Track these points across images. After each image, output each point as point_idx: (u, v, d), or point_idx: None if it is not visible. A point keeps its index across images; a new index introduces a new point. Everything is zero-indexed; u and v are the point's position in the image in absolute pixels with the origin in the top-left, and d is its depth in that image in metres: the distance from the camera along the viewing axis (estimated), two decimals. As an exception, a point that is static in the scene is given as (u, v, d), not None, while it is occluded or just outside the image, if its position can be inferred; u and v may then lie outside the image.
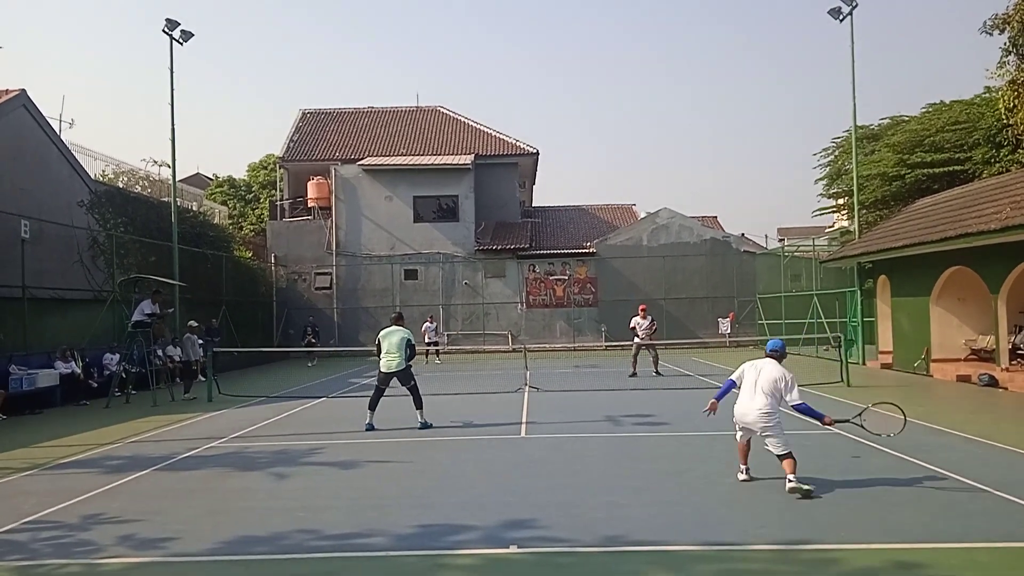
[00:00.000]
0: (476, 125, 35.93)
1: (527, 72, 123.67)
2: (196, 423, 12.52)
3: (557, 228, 34.97)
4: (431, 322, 25.95)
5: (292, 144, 34.99)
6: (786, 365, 7.21)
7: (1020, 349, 15.33)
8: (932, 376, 17.04)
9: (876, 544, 5.36)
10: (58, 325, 16.98)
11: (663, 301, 30.21)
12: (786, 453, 6.83)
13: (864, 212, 26.42)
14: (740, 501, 6.67)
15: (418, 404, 11.19)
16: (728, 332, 28.64)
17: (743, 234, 33.12)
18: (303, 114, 37.39)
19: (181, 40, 21.70)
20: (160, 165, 33.75)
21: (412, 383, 11.21)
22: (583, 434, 10.29)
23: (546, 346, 28.58)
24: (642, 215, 34.98)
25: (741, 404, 7.19)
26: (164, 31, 21.29)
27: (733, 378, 7.42)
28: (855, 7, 21.24)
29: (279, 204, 34.30)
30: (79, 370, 16.20)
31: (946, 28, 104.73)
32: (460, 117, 36.87)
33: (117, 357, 16.93)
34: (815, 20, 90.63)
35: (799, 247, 28.25)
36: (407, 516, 6.37)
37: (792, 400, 6.93)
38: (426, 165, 31.45)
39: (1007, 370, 14.80)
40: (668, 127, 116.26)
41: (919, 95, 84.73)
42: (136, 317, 15.70)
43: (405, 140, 35.23)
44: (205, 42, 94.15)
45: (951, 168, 25.52)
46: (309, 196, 32.42)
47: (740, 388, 7.28)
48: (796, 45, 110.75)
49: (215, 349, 17.28)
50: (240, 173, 44.31)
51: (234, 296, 26.53)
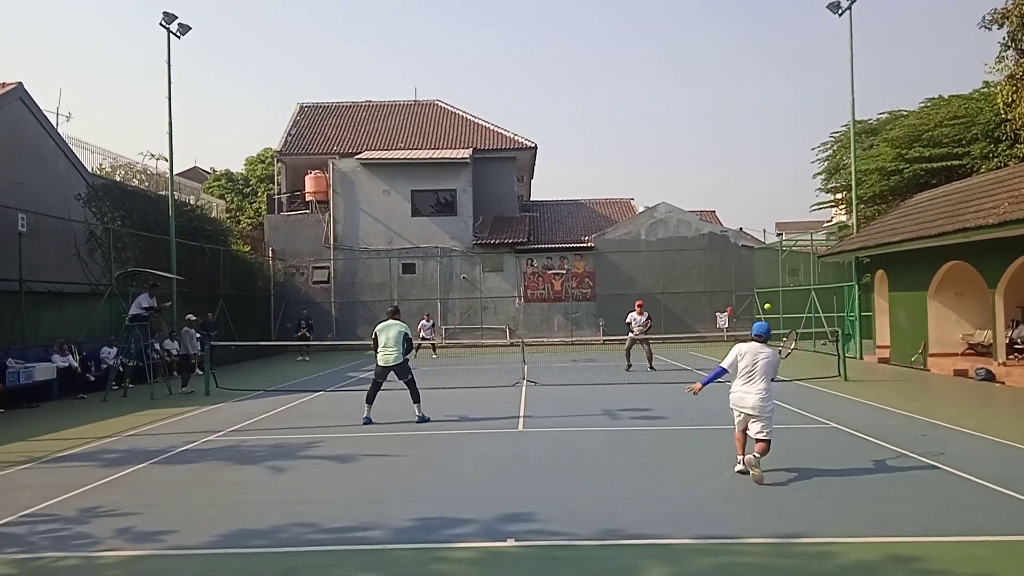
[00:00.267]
0: (474, 119, 35.87)
1: (525, 66, 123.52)
2: (193, 417, 12.52)
3: (555, 222, 34.92)
4: (427, 320, 25.97)
5: (290, 138, 34.91)
6: (772, 347, 7.52)
7: (1017, 344, 15.35)
8: (929, 371, 17.08)
9: (873, 538, 5.38)
10: (55, 319, 16.96)
11: (661, 295, 30.23)
12: (767, 439, 7.12)
13: (862, 207, 26.45)
14: (737, 495, 6.68)
15: (415, 398, 11.19)
16: (726, 326, 28.67)
17: (741, 228, 33.18)
18: (301, 108, 37.29)
19: (179, 34, 21.63)
20: (158, 159, 33.59)
21: (409, 377, 11.21)
22: (580, 428, 10.30)
23: (544, 340, 28.61)
24: (640, 209, 34.94)
25: (740, 390, 7.28)
26: (162, 24, 21.21)
27: (725, 365, 7.44)
28: (854, 1, 21.20)
29: (277, 198, 34.26)
30: (76, 364, 16.19)
31: (945, 23, 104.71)
32: (458, 111, 36.81)
33: (114, 351, 16.93)
34: (814, 15, 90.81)
35: (797, 241, 28.26)
36: (405, 509, 6.38)
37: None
38: (424, 159, 31.40)
39: (1004, 365, 14.83)
40: (666, 121, 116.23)
41: (917, 90, 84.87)
42: (133, 311, 15.71)
43: (403, 134, 35.17)
44: (203, 36, 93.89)
45: (949, 163, 25.53)
46: (307, 190, 32.38)
47: (736, 374, 7.34)
48: (795, 40, 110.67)
49: (212, 343, 17.27)
50: (238, 167, 44.32)
51: (232, 290, 26.52)
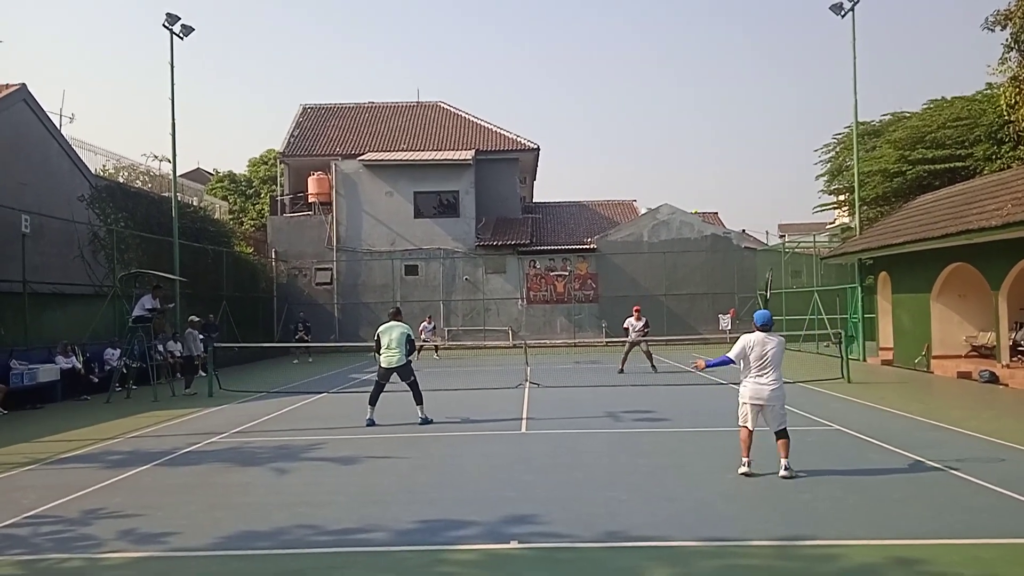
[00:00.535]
0: (477, 120, 35.89)
1: (528, 67, 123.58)
2: (197, 418, 12.53)
3: (558, 224, 34.92)
4: (428, 322, 26.06)
5: (292, 139, 34.96)
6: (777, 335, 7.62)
7: (1021, 346, 15.31)
8: (933, 373, 17.04)
9: (876, 540, 5.36)
10: (59, 320, 16.98)
11: (664, 297, 30.21)
12: (787, 433, 7.30)
13: (865, 208, 26.41)
14: (740, 496, 6.67)
15: (418, 400, 11.19)
16: (729, 328, 28.61)
17: (744, 230, 33.13)
18: (303, 109, 37.35)
19: (182, 35, 21.67)
20: (161, 160, 33.67)
21: (412, 379, 11.21)
22: (583, 430, 10.29)
23: (546, 342, 28.59)
24: (643, 211, 34.93)
25: (755, 382, 7.29)
26: (165, 26, 21.25)
27: (732, 356, 7.42)
28: (856, 3, 21.17)
29: (279, 199, 34.30)
30: (80, 365, 16.21)
31: (948, 24, 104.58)
32: (461, 112, 36.83)
33: (118, 352, 16.95)
34: (817, 16, 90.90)
35: (800, 243, 28.24)
36: (408, 511, 6.38)
37: None
38: (427, 161, 31.41)
39: (1008, 367, 14.79)
40: (669, 123, 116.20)
41: (920, 91, 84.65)
42: (137, 312, 15.73)
43: (406, 135, 35.20)
44: (206, 37, 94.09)
45: (952, 164, 25.50)
46: (310, 191, 32.40)
47: (746, 366, 7.32)
48: (798, 41, 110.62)
49: (214, 345, 17.28)
50: (241, 168, 44.36)
51: (235, 291, 26.54)
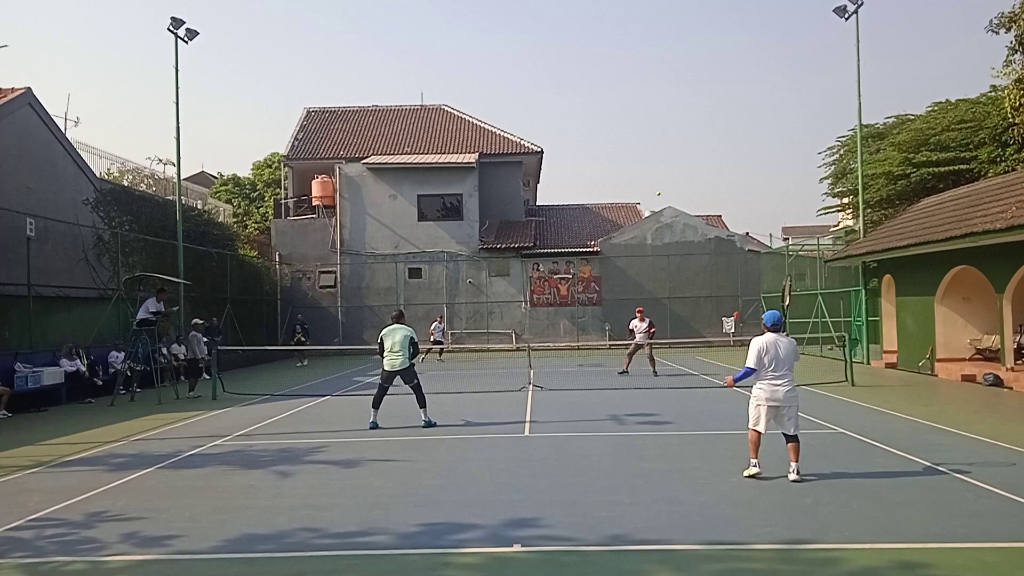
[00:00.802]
0: (480, 124, 35.93)
1: (532, 70, 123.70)
2: (200, 421, 12.54)
3: (561, 227, 34.92)
4: (440, 321, 26.85)
5: (296, 142, 35.03)
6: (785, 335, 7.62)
7: (1025, 349, 15.28)
8: (937, 376, 17.00)
9: (880, 544, 5.34)
10: (63, 323, 17.04)
11: (667, 300, 30.18)
12: (798, 438, 7.30)
13: (869, 211, 26.37)
14: (743, 500, 6.65)
15: (421, 403, 11.18)
16: (732, 331, 28.60)
17: (747, 233, 33.06)
18: (307, 112, 37.43)
19: (186, 38, 21.75)
20: (165, 163, 33.89)
21: (415, 382, 11.21)
22: (587, 433, 10.28)
23: (550, 345, 28.56)
24: (646, 214, 34.92)
25: (772, 384, 7.26)
26: (169, 30, 21.34)
27: (753, 365, 7.29)
28: (860, 5, 21.18)
29: (283, 202, 34.36)
30: (84, 368, 16.24)
31: (952, 26, 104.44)
32: (464, 115, 36.87)
33: (122, 355, 16.97)
34: (820, 19, 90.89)
35: (804, 246, 28.23)
36: (411, 514, 6.37)
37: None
38: (430, 164, 31.45)
39: (1012, 370, 14.75)
40: (673, 126, 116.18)
41: (924, 94, 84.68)
42: (141, 315, 15.76)
43: (409, 139, 35.25)
44: (210, 41, 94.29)
45: (956, 167, 25.45)
46: (313, 194, 32.47)
47: (764, 368, 7.26)
48: (801, 44, 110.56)
49: (217, 348, 17.31)
50: (245, 171, 44.53)
51: (238, 294, 26.60)
